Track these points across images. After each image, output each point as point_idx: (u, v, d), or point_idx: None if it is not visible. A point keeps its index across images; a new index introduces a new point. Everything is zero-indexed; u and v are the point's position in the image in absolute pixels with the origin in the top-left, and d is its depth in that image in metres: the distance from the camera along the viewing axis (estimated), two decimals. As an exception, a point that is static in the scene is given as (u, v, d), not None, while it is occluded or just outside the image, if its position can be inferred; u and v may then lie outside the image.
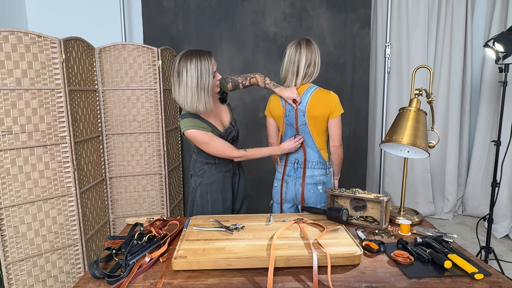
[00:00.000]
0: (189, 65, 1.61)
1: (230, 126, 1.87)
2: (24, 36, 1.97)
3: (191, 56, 1.62)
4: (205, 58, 1.63)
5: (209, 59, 1.64)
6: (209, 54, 1.66)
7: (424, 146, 1.50)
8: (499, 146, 2.44)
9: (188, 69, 1.61)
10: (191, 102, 1.64)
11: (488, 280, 1.17)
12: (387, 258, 1.32)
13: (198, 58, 1.62)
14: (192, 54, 1.63)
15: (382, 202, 1.56)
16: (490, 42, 2.36)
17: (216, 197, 1.89)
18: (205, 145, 1.76)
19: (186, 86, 1.62)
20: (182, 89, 1.63)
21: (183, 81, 1.62)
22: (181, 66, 1.62)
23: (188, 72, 1.60)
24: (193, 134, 1.72)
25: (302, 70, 1.87)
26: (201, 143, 1.75)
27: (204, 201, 1.88)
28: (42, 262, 2.14)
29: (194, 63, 1.61)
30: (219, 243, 1.35)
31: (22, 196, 2.03)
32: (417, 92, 1.59)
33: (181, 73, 1.62)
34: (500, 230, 3.33)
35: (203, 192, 1.88)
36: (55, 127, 2.12)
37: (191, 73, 1.60)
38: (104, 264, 1.30)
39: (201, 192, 1.88)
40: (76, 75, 2.28)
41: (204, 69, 1.62)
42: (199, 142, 1.75)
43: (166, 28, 3.17)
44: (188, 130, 1.71)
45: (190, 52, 1.64)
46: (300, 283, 1.15)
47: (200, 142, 1.75)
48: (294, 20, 3.17)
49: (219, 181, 1.89)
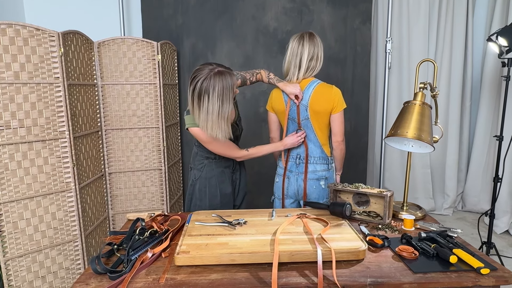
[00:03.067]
0: (212, 91, 1.50)
1: (234, 125, 1.85)
2: (22, 29, 1.94)
3: (215, 78, 1.51)
4: (228, 81, 1.53)
5: (231, 82, 1.54)
6: (231, 76, 1.56)
7: (430, 140, 1.48)
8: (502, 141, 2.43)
9: (211, 95, 1.51)
10: (211, 129, 1.57)
11: (494, 275, 1.16)
12: (391, 253, 1.31)
13: (221, 82, 1.51)
14: (216, 77, 1.51)
15: (385, 197, 1.55)
16: (493, 36, 2.35)
17: (214, 192, 1.88)
18: (208, 143, 1.74)
19: (207, 112, 1.53)
20: (203, 114, 1.54)
21: (204, 107, 1.53)
22: (203, 89, 1.51)
23: (210, 98, 1.51)
24: (197, 132, 1.69)
25: (304, 63, 1.85)
26: (204, 142, 1.73)
27: (203, 195, 1.88)
28: (42, 258, 2.12)
29: (217, 89, 1.50)
30: (222, 238, 1.34)
31: (21, 191, 2.00)
32: (422, 86, 1.57)
33: (203, 97, 1.52)
34: (500, 226, 3.33)
35: (202, 186, 1.87)
36: (54, 122, 2.10)
37: (213, 100, 1.51)
38: (105, 260, 1.28)
39: (200, 186, 1.88)
40: (75, 69, 2.25)
41: (226, 97, 1.53)
42: (202, 140, 1.73)
43: (166, 22, 3.13)
44: (193, 128, 1.69)
45: (214, 74, 1.52)
46: (305, 278, 1.14)
47: (203, 140, 1.73)
48: (295, 14, 3.14)
49: (218, 176, 1.87)
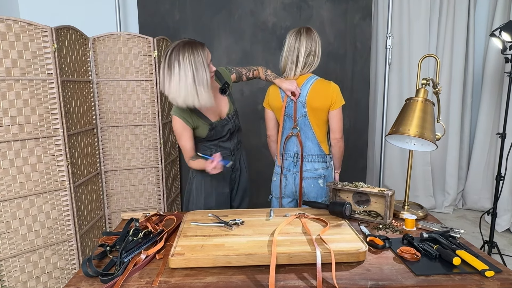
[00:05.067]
0: (182, 59, 1.52)
1: (227, 119, 1.80)
2: (14, 24, 1.89)
3: (184, 48, 1.53)
4: (198, 50, 1.55)
5: (202, 52, 1.56)
6: (202, 46, 1.58)
7: (432, 138, 1.44)
8: (504, 138, 2.39)
9: (181, 62, 1.52)
10: (184, 98, 1.55)
11: (499, 277, 1.12)
12: (392, 254, 1.28)
13: (191, 51, 1.53)
14: (185, 46, 1.54)
15: (386, 196, 1.51)
16: (497, 31, 2.30)
17: (210, 190, 1.85)
18: (177, 136, 1.76)
19: (179, 81, 1.53)
20: (174, 84, 1.54)
21: (174, 76, 1.53)
22: (172, 59, 1.53)
23: (181, 66, 1.52)
24: (173, 120, 1.73)
25: (301, 59, 1.81)
26: (175, 132, 1.75)
27: (199, 193, 1.86)
28: (36, 258, 2.08)
29: (187, 56, 1.52)
30: (218, 239, 1.30)
31: (13, 190, 1.96)
32: (424, 82, 1.52)
33: (173, 66, 1.53)
34: (502, 224, 3.30)
35: (198, 184, 1.86)
36: (47, 119, 2.05)
37: (185, 67, 1.52)
38: (97, 262, 1.24)
39: (196, 184, 1.87)
40: (69, 66, 2.20)
41: (199, 64, 1.54)
42: (174, 130, 1.75)
43: (162, 18, 3.08)
44: (173, 115, 1.71)
45: (182, 43, 1.55)
46: (303, 281, 1.11)
47: (174, 131, 1.75)
48: (294, 10, 3.09)
49: (214, 174, 1.81)
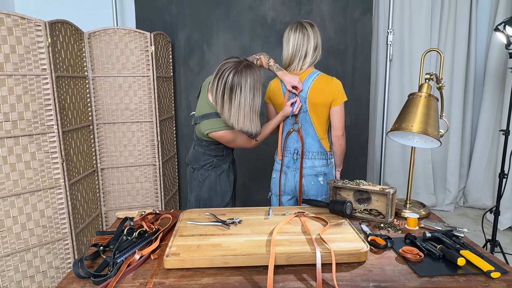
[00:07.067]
0: (244, 84, 1.47)
1: None
2: (6, 17, 1.84)
3: (246, 71, 1.48)
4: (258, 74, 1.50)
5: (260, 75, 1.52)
6: (259, 69, 1.54)
7: (436, 134, 1.40)
8: (508, 135, 2.34)
9: (243, 87, 1.47)
10: (243, 122, 1.52)
11: (505, 279, 1.08)
12: (395, 254, 1.24)
13: (252, 75, 1.48)
14: (247, 69, 1.48)
15: (388, 194, 1.47)
16: (501, 25, 2.25)
17: (225, 187, 1.84)
18: (231, 142, 1.70)
19: (238, 106, 1.49)
20: (234, 108, 1.49)
21: (236, 100, 1.48)
22: (235, 82, 1.46)
23: (243, 91, 1.47)
24: (222, 135, 1.64)
25: (310, 54, 1.78)
26: (228, 142, 1.69)
27: (213, 193, 1.82)
28: (30, 257, 2.04)
29: (249, 82, 1.47)
30: (214, 238, 1.26)
31: (7, 188, 1.92)
32: (427, 77, 1.48)
33: (235, 91, 1.47)
34: (503, 222, 3.27)
35: (212, 184, 1.81)
36: (41, 116, 2.01)
37: (246, 93, 1.47)
38: (90, 262, 1.20)
39: (210, 184, 1.81)
40: (63, 61, 2.16)
41: (257, 90, 1.50)
42: (226, 141, 1.68)
43: (160, 12, 3.03)
44: (217, 132, 1.62)
45: (244, 66, 1.49)
46: (303, 282, 1.07)
47: (227, 141, 1.69)
48: (293, 4, 3.04)
49: (226, 171, 1.84)
